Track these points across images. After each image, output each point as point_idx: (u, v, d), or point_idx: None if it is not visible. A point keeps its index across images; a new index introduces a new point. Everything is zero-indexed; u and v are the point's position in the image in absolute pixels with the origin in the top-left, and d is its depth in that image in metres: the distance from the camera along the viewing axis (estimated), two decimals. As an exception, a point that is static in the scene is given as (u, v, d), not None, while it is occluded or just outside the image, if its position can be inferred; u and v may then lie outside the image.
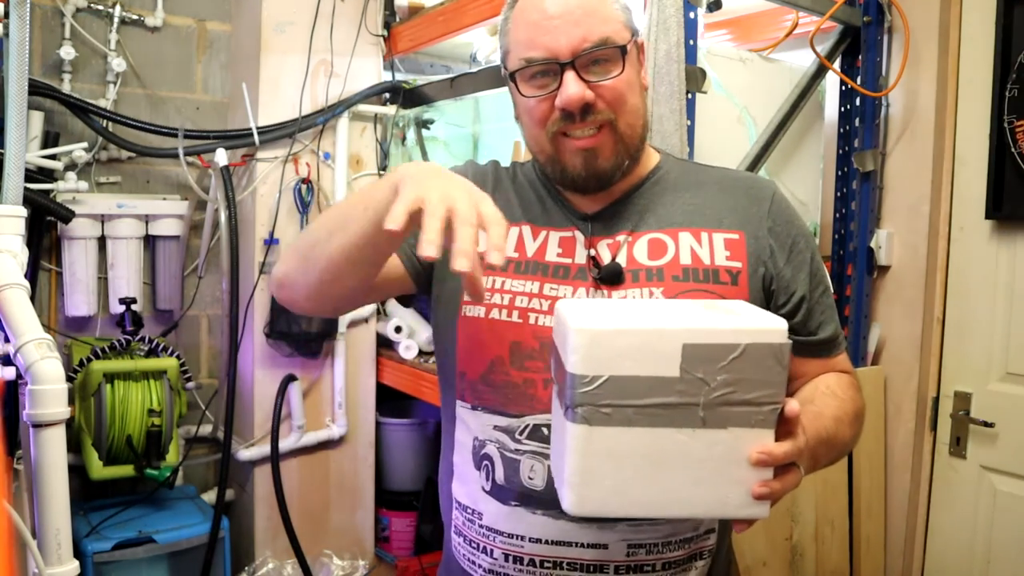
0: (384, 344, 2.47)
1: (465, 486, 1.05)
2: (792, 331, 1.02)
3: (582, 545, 0.97)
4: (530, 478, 0.98)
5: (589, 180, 1.00)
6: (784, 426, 0.75)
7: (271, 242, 2.27)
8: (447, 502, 1.10)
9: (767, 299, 1.02)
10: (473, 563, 1.04)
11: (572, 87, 0.93)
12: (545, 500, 0.97)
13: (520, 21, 0.98)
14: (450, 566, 1.11)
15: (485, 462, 1.01)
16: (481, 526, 1.02)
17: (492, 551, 1.01)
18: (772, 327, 0.72)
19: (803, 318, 1.02)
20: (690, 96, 1.67)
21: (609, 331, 0.71)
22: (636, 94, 0.99)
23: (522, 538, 0.99)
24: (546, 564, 0.98)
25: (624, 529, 0.96)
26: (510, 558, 1.00)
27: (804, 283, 1.02)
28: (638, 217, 1.03)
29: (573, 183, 1.01)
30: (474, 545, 1.04)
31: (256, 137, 2.22)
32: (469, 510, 1.04)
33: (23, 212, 1.68)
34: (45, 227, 2.16)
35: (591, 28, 0.94)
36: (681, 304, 0.84)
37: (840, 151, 2.12)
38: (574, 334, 0.71)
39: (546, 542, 0.98)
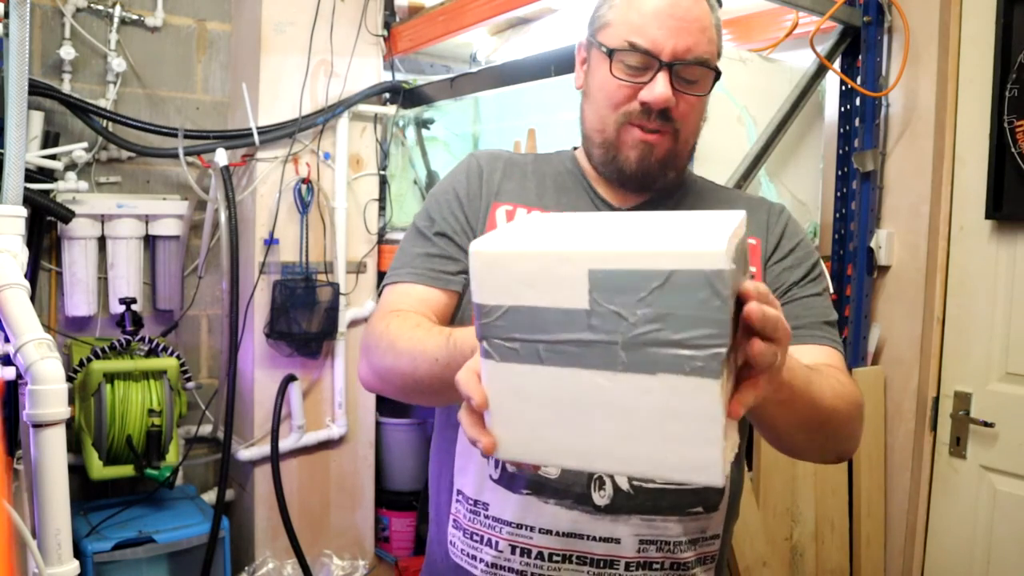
0: (384, 344, 2.46)
1: (469, 476, 1.03)
2: None
3: (594, 538, 0.96)
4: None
5: (636, 174, 1.01)
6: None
7: (271, 242, 2.27)
8: (443, 498, 1.08)
9: None
10: (473, 558, 1.02)
11: (661, 87, 0.96)
12: (559, 489, 0.96)
13: (637, 3, 0.99)
14: (436, 568, 1.08)
15: None
16: (486, 516, 1.01)
17: (497, 543, 0.99)
18: (705, 249, 0.55)
19: (787, 305, 1.02)
20: (690, 96, 1.67)
21: (505, 254, 0.61)
22: (701, 117, 1.03)
23: (531, 529, 0.97)
24: (555, 557, 0.97)
25: (637, 523, 0.96)
26: (517, 550, 0.98)
27: (796, 276, 1.03)
28: None
29: (619, 172, 1.02)
30: (476, 538, 1.02)
31: (256, 137, 2.22)
32: (471, 501, 1.02)
33: (23, 212, 1.68)
34: (45, 227, 2.16)
35: (699, 43, 0.97)
36: (625, 217, 0.70)
37: (840, 151, 2.12)
38: (471, 257, 0.62)
39: (557, 534, 0.97)
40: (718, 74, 1.01)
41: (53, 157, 2.09)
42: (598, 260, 0.58)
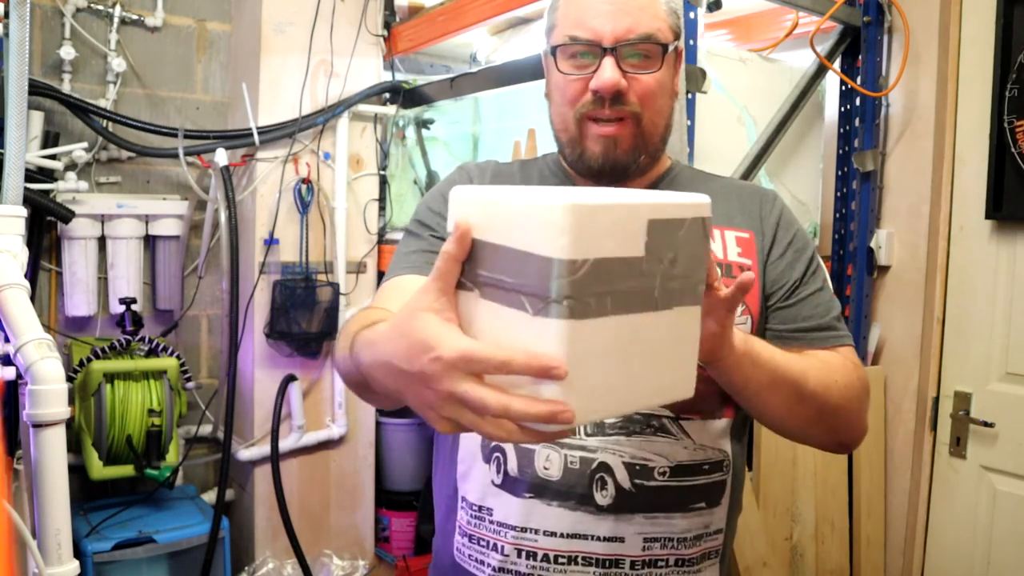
0: (384, 344, 2.46)
1: (472, 483, 1.04)
2: (786, 319, 1.02)
3: (598, 538, 0.96)
4: (545, 468, 0.98)
5: (605, 167, 1.01)
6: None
7: (271, 242, 2.27)
8: (448, 504, 1.09)
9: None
10: (481, 563, 1.02)
11: (608, 72, 0.95)
12: (561, 491, 0.97)
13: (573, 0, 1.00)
14: (444, 571, 1.09)
15: (496, 454, 1.01)
16: (491, 522, 1.01)
17: (502, 547, 1.00)
18: (701, 200, 0.70)
19: (796, 305, 1.02)
20: (690, 96, 1.67)
21: (593, 207, 0.60)
22: (666, 96, 1.02)
23: (536, 531, 0.98)
24: (560, 559, 0.97)
25: (641, 521, 0.96)
26: (522, 553, 0.98)
27: (798, 272, 1.03)
28: None
29: (589, 169, 1.02)
30: (483, 543, 1.02)
31: (256, 137, 2.22)
32: (475, 507, 1.03)
33: (23, 212, 1.68)
34: (45, 227, 2.16)
35: (639, 21, 0.96)
36: (594, 188, 0.77)
37: (840, 151, 2.12)
38: (561, 212, 0.59)
39: (561, 535, 0.97)
40: (675, 50, 1.00)
41: (53, 157, 2.09)
42: (655, 211, 0.65)
